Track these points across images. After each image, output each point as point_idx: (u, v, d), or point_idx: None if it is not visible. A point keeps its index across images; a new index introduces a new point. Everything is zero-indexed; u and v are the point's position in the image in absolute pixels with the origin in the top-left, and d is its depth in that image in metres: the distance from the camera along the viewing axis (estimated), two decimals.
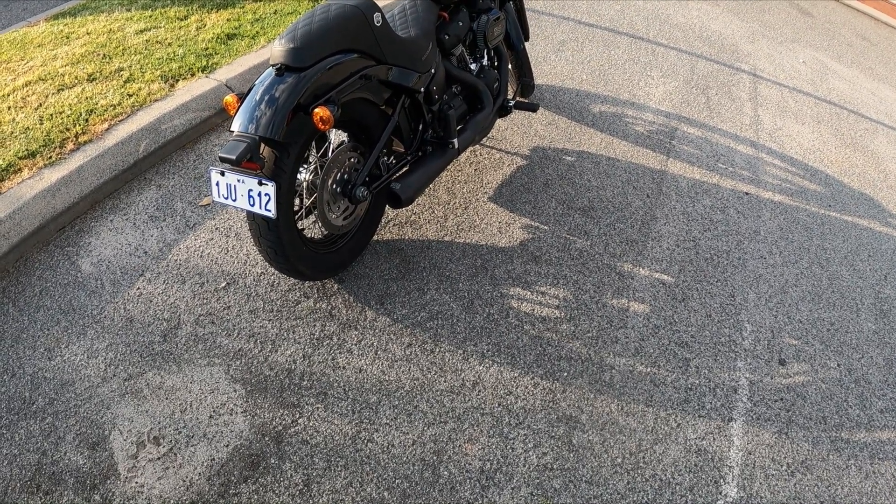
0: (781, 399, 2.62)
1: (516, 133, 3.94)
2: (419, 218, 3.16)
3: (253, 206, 2.27)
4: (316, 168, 2.53)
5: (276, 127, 2.17)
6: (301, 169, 2.51)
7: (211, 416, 2.32)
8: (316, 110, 2.21)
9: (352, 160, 2.61)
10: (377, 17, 2.48)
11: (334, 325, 2.62)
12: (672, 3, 7.30)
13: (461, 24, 3.07)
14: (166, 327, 2.60)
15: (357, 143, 2.67)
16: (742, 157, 4.24)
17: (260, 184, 2.22)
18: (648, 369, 2.60)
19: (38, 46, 4.51)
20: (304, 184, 2.51)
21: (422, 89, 2.78)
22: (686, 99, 4.90)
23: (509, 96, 3.92)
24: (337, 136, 2.70)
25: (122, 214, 3.13)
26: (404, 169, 2.83)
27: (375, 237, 3.03)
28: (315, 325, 2.62)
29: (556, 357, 2.58)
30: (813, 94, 5.73)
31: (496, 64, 3.45)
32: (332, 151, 2.57)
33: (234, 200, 2.30)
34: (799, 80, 5.97)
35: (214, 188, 2.33)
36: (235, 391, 2.40)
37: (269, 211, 2.24)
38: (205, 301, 2.71)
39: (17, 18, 5.83)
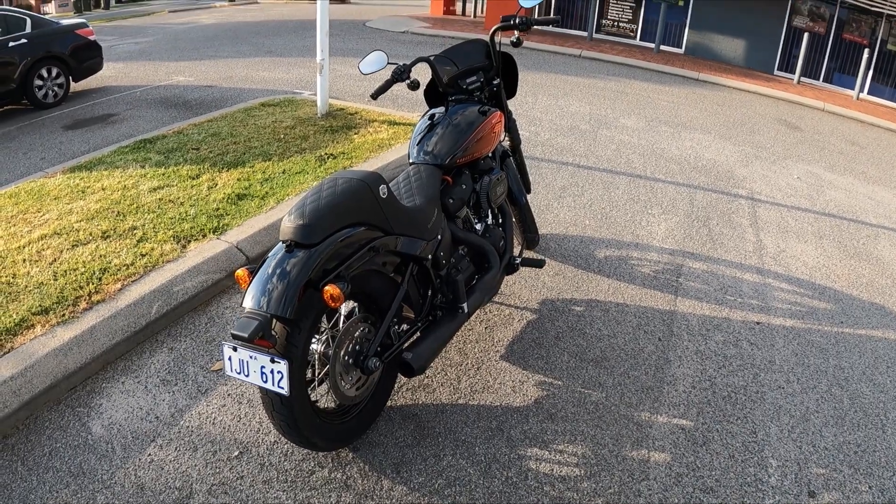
0: None
1: (524, 287, 4.02)
2: (432, 381, 3.19)
3: (266, 382, 2.29)
4: (328, 339, 2.56)
5: (287, 305, 2.21)
6: (313, 340, 2.54)
7: None
8: (326, 288, 2.26)
9: (363, 330, 2.65)
10: (383, 189, 2.57)
11: (350, 496, 2.59)
12: (665, 136, 7.57)
13: (464, 186, 3.19)
14: (178, 496, 2.53)
15: (367, 312, 2.72)
16: (749, 285, 4.27)
17: (272, 361, 2.25)
18: None
19: (55, 199, 4.63)
20: (317, 355, 2.54)
21: (429, 256, 2.85)
22: (688, 233, 5.00)
23: (515, 252, 4.03)
24: (346, 306, 2.77)
25: (134, 377, 3.16)
26: (416, 335, 2.89)
27: (389, 403, 3.05)
28: (330, 496, 2.59)
29: None
30: (811, 210, 5.82)
31: (500, 222, 3.56)
32: (343, 322, 2.61)
33: (247, 376, 2.33)
34: (796, 197, 6.07)
35: (227, 363, 2.36)
36: None
37: (283, 388, 2.25)
38: (217, 470, 2.67)
39: (35, 168, 6.15)
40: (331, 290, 2.27)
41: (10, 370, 2.91)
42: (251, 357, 2.30)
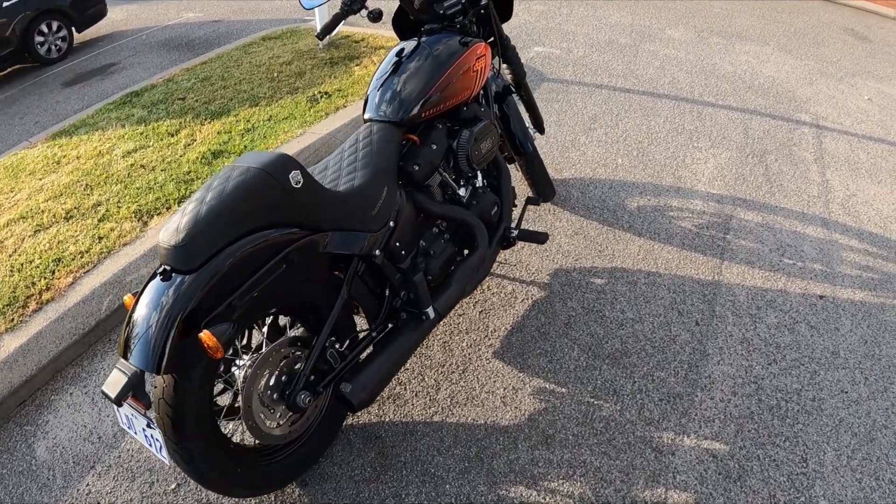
0: None
1: (534, 253, 3.31)
2: (405, 390, 2.57)
3: (150, 446, 1.81)
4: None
5: (156, 357, 1.63)
6: (236, 365, 2.00)
7: None
8: (200, 336, 1.65)
9: (292, 355, 2.04)
10: (294, 176, 1.86)
11: None
12: (717, 50, 6.56)
13: (435, 146, 2.41)
14: None
15: (308, 327, 2.13)
16: (812, 244, 3.48)
17: (148, 426, 1.75)
18: None
19: (30, 174, 4.36)
20: (240, 382, 1.96)
21: (377, 251, 2.17)
22: (741, 173, 4.17)
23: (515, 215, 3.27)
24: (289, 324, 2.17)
25: (82, 386, 2.78)
26: (370, 349, 2.25)
27: (352, 420, 2.46)
28: None
29: None
30: (885, 140, 4.87)
31: (496, 179, 2.82)
32: (266, 346, 2.01)
33: (136, 434, 1.85)
34: (868, 124, 5.10)
35: (117, 413, 1.87)
36: None
37: (164, 458, 1.78)
38: None
39: (28, 134, 5.90)
40: (205, 338, 1.64)
41: None
42: (133, 415, 1.79)
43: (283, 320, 2.17)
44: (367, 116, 2.41)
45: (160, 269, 1.73)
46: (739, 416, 2.44)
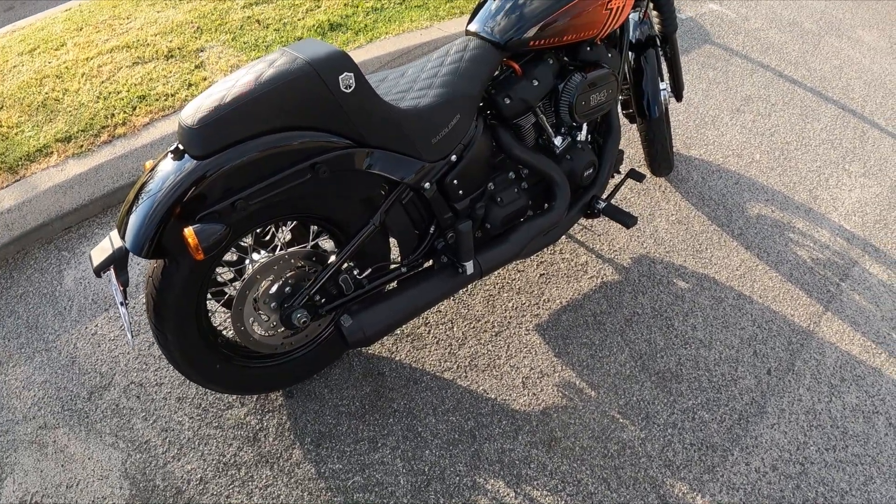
0: None
1: (624, 229, 2.90)
2: (428, 333, 2.30)
3: (122, 320, 1.69)
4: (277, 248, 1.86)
5: (145, 242, 1.48)
6: (252, 258, 1.82)
7: None
8: (185, 232, 1.45)
9: (306, 268, 1.84)
10: (346, 79, 1.58)
11: (251, 454, 1.96)
12: None
13: (537, 83, 2.04)
14: (97, 384, 2.19)
15: (335, 244, 1.92)
16: None
17: (121, 304, 1.63)
18: None
19: (151, 4, 4.24)
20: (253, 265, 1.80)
21: (427, 185, 1.87)
22: (884, 217, 3.55)
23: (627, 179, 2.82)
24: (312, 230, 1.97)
25: None
26: (393, 284, 1.99)
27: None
28: (231, 445, 1.98)
29: None
30: None
31: (603, 138, 2.40)
32: (280, 247, 1.84)
33: (117, 302, 1.72)
34: None
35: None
36: (121, 489, 1.92)
37: (129, 338, 1.68)
38: (144, 367, 2.22)
39: None
40: (188, 235, 1.44)
41: (10, 201, 2.70)
42: (115, 286, 1.68)
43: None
44: (469, 27, 2.05)
45: (174, 147, 1.53)
46: (768, 497, 2.08)
